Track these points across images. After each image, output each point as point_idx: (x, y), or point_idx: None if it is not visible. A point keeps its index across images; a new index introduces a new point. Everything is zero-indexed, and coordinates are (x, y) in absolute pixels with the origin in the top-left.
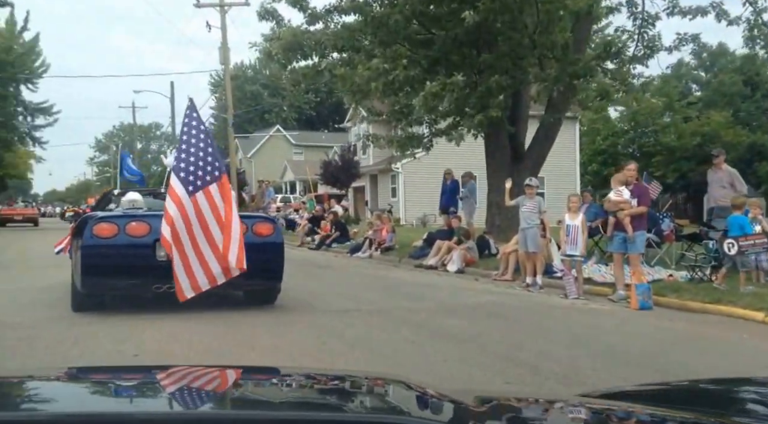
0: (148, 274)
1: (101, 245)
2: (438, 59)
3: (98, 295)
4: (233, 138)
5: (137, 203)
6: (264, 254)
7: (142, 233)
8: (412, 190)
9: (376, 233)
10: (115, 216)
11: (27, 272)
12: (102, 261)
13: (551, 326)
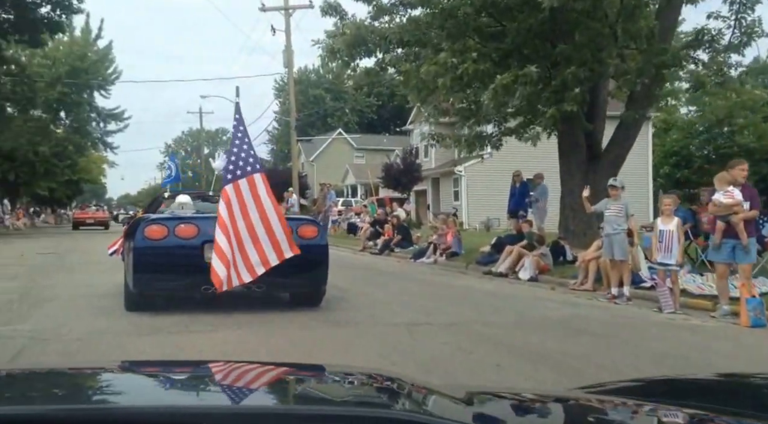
0: (196, 275)
1: (152, 247)
2: (510, 52)
3: (149, 295)
4: (296, 141)
5: (186, 206)
6: (309, 256)
7: (190, 235)
8: (475, 194)
9: (441, 238)
10: (165, 218)
11: (87, 274)
12: (152, 262)
13: (653, 346)
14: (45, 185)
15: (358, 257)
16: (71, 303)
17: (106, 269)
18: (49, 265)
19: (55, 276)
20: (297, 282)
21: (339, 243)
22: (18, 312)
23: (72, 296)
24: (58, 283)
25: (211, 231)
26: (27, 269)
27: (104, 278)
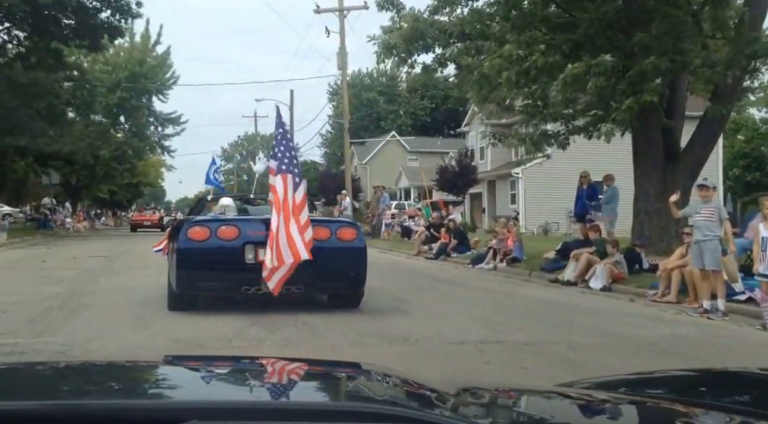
0: (237, 276)
1: (194, 248)
2: (581, 44)
3: (192, 295)
4: (349, 144)
5: (229, 208)
6: (347, 258)
7: (231, 237)
8: (532, 197)
9: (501, 243)
10: (208, 220)
11: (132, 278)
12: (195, 262)
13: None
14: (105, 188)
15: (412, 262)
16: (110, 311)
17: (152, 273)
18: (97, 268)
19: (100, 280)
20: (336, 284)
21: (393, 247)
22: (53, 322)
23: (112, 303)
24: (102, 288)
25: (251, 233)
26: (76, 272)
27: (148, 282)
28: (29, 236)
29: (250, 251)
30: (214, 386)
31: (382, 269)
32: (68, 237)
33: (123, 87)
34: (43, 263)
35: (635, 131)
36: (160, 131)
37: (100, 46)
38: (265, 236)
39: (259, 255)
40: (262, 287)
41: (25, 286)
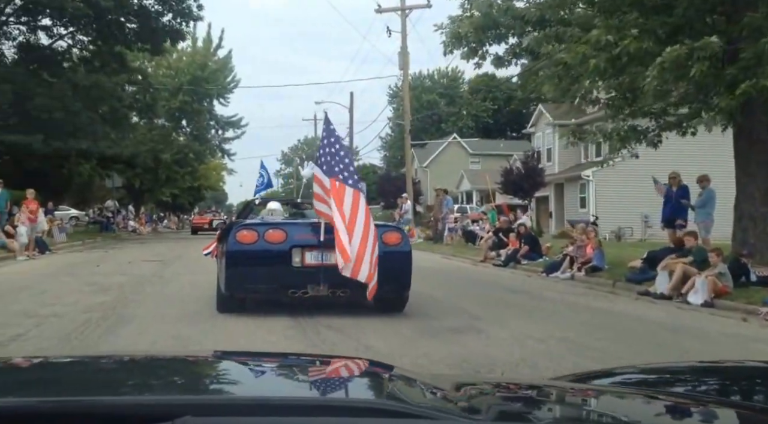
0: (284, 279)
1: (243, 250)
2: (680, 28)
3: (240, 298)
4: (410, 145)
5: (276, 212)
6: (392, 262)
7: (279, 240)
8: (604, 201)
9: (580, 250)
10: (256, 224)
11: (181, 286)
12: (243, 265)
13: None
14: (168, 192)
15: (479, 270)
16: (151, 326)
17: (202, 281)
18: (149, 274)
19: (148, 288)
20: (381, 288)
21: (457, 253)
22: (88, 339)
23: (156, 316)
24: (148, 297)
25: (298, 236)
26: (126, 278)
27: (197, 291)
28: (91, 238)
29: (297, 255)
30: (209, 382)
31: (448, 277)
32: (129, 240)
33: (185, 91)
34: (96, 268)
35: (738, 126)
36: (220, 135)
37: (162, 50)
38: (316, 239)
39: (306, 259)
40: (309, 291)
41: (69, 295)
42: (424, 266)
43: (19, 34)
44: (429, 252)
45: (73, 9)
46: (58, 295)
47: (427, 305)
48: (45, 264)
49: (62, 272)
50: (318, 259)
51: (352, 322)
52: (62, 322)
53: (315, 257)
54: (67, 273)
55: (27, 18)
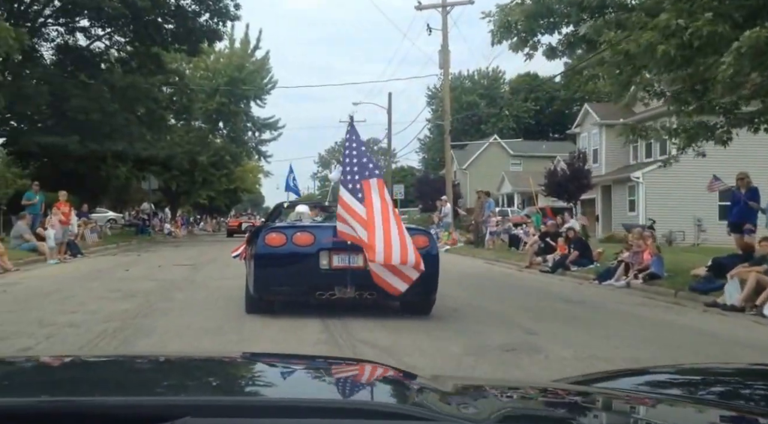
0: (312, 282)
1: (271, 253)
2: (759, 10)
3: (268, 300)
4: (450, 146)
5: (304, 216)
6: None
7: (307, 243)
8: (654, 203)
9: (636, 256)
10: (284, 227)
11: (209, 293)
12: (272, 268)
13: None
14: (204, 194)
15: (525, 276)
16: (172, 340)
17: (233, 286)
18: (179, 279)
19: (176, 294)
20: (407, 291)
21: (500, 258)
22: (101, 353)
23: (178, 328)
24: (174, 305)
25: (326, 239)
26: (154, 284)
27: (226, 299)
28: (125, 241)
29: (324, 258)
30: (210, 383)
31: (494, 284)
32: (164, 243)
33: (222, 92)
34: (125, 272)
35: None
36: (257, 136)
37: (199, 51)
38: (342, 242)
39: (333, 261)
40: (336, 293)
41: (92, 301)
42: (467, 272)
43: (57, 35)
44: (470, 257)
45: (110, 9)
46: (81, 301)
47: (475, 317)
48: (75, 268)
49: (90, 276)
50: (345, 261)
51: (392, 337)
52: (77, 333)
53: (342, 259)
54: (95, 277)
55: (65, 19)
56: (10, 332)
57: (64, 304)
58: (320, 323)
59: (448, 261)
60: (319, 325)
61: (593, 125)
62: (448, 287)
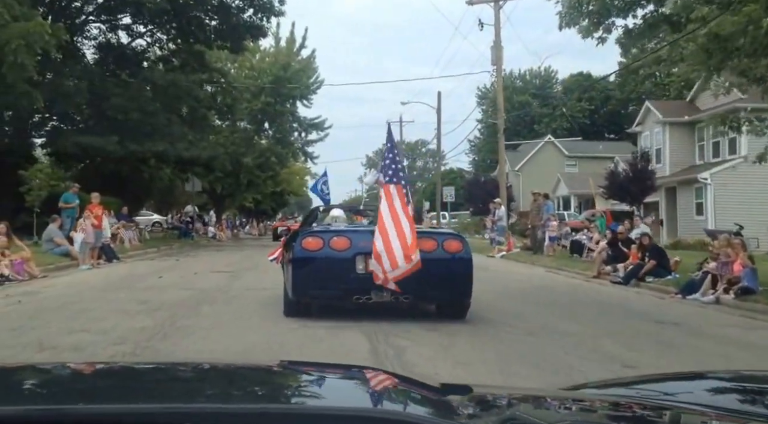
0: (348, 285)
1: (308, 257)
2: None
3: (306, 303)
4: (503, 145)
5: (339, 219)
6: (454, 269)
7: (343, 247)
8: (724, 206)
9: (725, 267)
10: (321, 231)
11: (242, 307)
12: (309, 271)
13: None
14: (250, 197)
15: (595, 288)
16: None
17: (272, 298)
18: (213, 288)
19: (205, 308)
20: (442, 294)
21: (562, 266)
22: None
23: (199, 353)
24: (201, 322)
25: (362, 244)
26: (184, 294)
27: (262, 314)
28: (167, 245)
29: (360, 262)
30: (207, 392)
31: (563, 297)
32: (206, 247)
33: (267, 92)
34: (158, 279)
35: None
36: (303, 137)
37: (243, 48)
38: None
39: (369, 265)
40: (373, 297)
41: (109, 316)
42: (529, 283)
43: (99, 33)
44: (529, 265)
45: (152, 5)
46: (98, 316)
47: (554, 343)
48: (105, 274)
49: (118, 284)
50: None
51: (462, 373)
52: (78, 360)
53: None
54: (123, 286)
55: (107, 16)
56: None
57: (76, 319)
58: (368, 345)
59: (506, 269)
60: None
61: (656, 123)
62: (510, 300)
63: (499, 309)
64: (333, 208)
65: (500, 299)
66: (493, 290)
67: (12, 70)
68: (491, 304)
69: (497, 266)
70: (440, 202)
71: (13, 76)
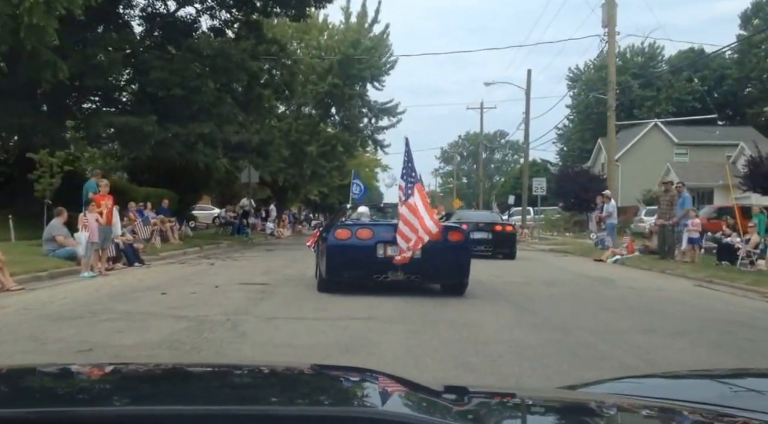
0: (371, 267)
1: (339, 245)
2: None
3: (336, 281)
4: (614, 125)
5: (364, 215)
6: (455, 254)
7: (367, 237)
8: None
9: None
10: (350, 224)
11: (256, 349)
12: (340, 256)
13: None
14: (315, 190)
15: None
16: None
17: (301, 336)
18: (221, 319)
19: (194, 356)
20: (445, 274)
21: (713, 277)
22: None
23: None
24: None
25: (383, 234)
26: (177, 326)
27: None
28: (213, 243)
29: (380, 248)
30: (205, 394)
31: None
32: (258, 245)
33: (334, 71)
34: (159, 297)
35: None
36: (373, 123)
37: (305, 15)
38: (392, 237)
39: (388, 251)
40: (389, 276)
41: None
42: (682, 308)
43: (146, 3)
44: (660, 273)
45: None
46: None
47: None
48: (95, 288)
49: (92, 306)
50: (396, 251)
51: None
52: None
53: (394, 250)
54: (94, 310)
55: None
56: None
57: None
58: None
59: (639, 283)
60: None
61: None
62: (670, 343)
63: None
64: (360, 205)
65: (690, 351)
66: (662, 328)
67: (31, 35)
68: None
69: (619, 276)
70: (526, 196)
71: (33, 42)
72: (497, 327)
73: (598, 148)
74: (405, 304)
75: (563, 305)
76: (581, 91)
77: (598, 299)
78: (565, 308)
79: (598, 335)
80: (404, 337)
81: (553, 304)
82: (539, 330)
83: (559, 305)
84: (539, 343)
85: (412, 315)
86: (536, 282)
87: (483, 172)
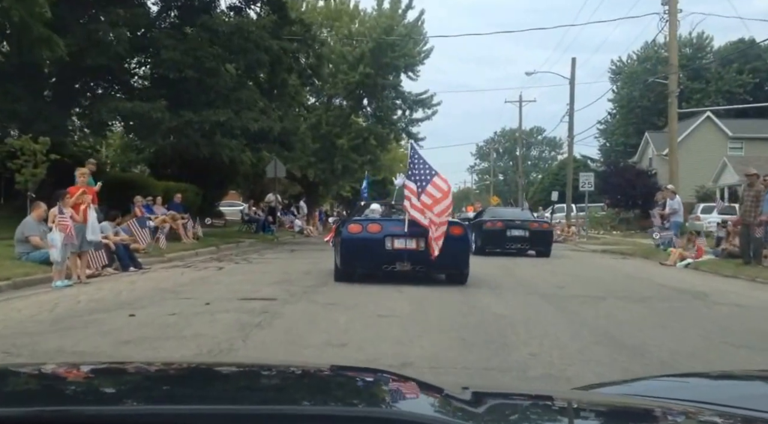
0: (380, 258)
1: (352, 238)
2: None
3: (350, 272)
4: (675, 112)
5: (375, 211)
6: (456, 247)
7: (377, 231)
8: None
9: None
10: (361, 219)
11: None
12: (353, 248)
13: None
14: (347, 186)
15: None
16: None
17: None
18: (206, 354)
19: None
20: (447, 265)
21: None
22: None
23: None
24: None
25: (390, 228)
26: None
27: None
28: (232, 243)
29: (389, 242)
30: (207, 393)
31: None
32: (282, 244)
33: (366, 60)
34: (126, 320)
35: None
36: (407, 115)
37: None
38: (402, 230)
39: (395, 244)
40: (397, 266)
41: None
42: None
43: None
44: (748, 282)
45: None
46: None
47: None
48: (61, 302)
49: (27, 337)
50: (403, 244)
51: None
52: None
53: (401, 242)
54: (24, 343)
55: None
56: None
57: None
58: None
59: (726, 291)
60: None
61: None
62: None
63: None
64: (372, 203)
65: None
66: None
67: (16, 4)
68: None
69: (709, 286)
70: (570, 192)
71: (20, 13)
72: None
73: (646, 141)
74: (448, 352)
75: (659, 332)
76: (625, 85)
77: (707, 325)
78: (667, 338)
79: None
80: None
81: (650, 330)
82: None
83: (657, 334)
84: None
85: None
86: (610, 296)
87: (521, 167)
